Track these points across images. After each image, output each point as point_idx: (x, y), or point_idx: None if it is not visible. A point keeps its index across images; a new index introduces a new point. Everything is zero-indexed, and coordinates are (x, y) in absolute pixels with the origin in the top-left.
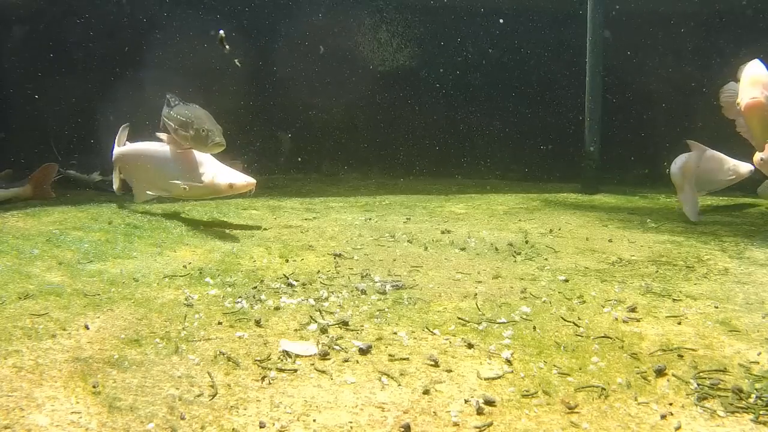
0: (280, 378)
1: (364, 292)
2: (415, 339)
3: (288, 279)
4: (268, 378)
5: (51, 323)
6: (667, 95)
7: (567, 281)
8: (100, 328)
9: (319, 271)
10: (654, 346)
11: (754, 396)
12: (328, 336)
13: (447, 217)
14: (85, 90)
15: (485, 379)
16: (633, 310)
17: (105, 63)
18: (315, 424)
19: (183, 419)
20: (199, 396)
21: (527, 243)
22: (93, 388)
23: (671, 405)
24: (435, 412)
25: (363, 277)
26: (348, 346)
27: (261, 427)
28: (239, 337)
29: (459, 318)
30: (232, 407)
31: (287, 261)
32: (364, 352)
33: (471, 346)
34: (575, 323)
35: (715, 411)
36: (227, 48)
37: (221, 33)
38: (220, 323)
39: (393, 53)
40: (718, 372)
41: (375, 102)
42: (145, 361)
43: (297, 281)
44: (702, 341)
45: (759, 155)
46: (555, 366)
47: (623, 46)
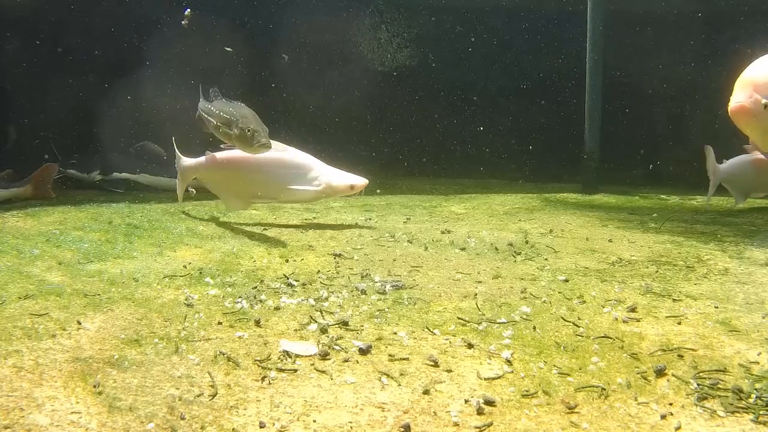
0: (280, 378)
1: (364, 292)
2: (415, 339)
3: (288, 279)
4: (268, 378)
5: (51, 323)
6: (668, 95)
7: (567, 281)
8: (100, 328)
9: (319, 271)
10: (654, 346)
11: (754, 396)
12: (328, 336)
13: (447, 217)
14: (86, 90)
15: (485, 379)
16: (633, 310)
17: (105, 63)
18: (315, 424)
19: (183, 419)
20: (199, 396)
21: (527, 243)
22: (93, 388)
23: (671, 405)
24: (435, 412)
25: (363, 277)
26: (348, 346)
27: (261, 427)
28: (239, 337)
29: (459, 318)
30: (232, 407)
31: (287, 261)
32: (364, 352)
33: (471, 346)
34: (575, 323)
35: (715, 411)
36: (186, 23)
37: (187, 12)
38: (220, 323)
39: (393, 53)
40: (718, 372)
41: (375, 101)
42: (145, 361)
43: (297, 281)
44: (702, 341)
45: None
46: (555, 366)
47: (623, 45)
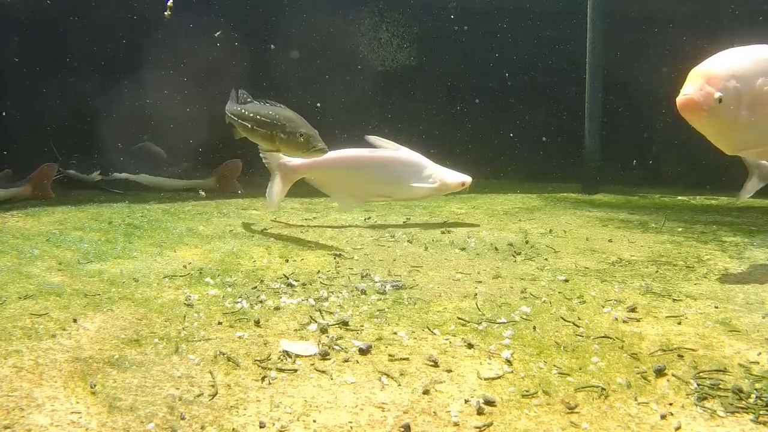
0: (280, 378)
1: (364, 292)
2: (415, 339)
3: (288, 279)
4: (268, 378)
5: (51, 323)
6: (668, 95)
7: (567, 281)
8: (100, 328)
9: (319, 271)
10: (654, 346)
11: (754, 396)
12: (328, 336)
13: (447, 217)
14: (86, 90)
15: (485, 379)
16: (633, 310)
17: (105, 63)
18: (315, 424)
19: (183, 419)
20: (199, 396)
21: (527, 243)
22: (93, 388)
23: (671, 405)
24: (435, 412)
25: (363, 277)
26: (348, 346)
27: (261, 427)
28: (239, 337)
29: (459, 318)
30: (232, 407)
31: (287, 261)
32: (364, 352)
33: (471, 346)
34: (575, 323)
35: (715, 411)
36: (169, 11)
37: (169, 2)
38: (220, 323)
39: (393, 53)
40: (718, 372)
41: (374, 101)
42: (145, 361)
43: (297, 281)
44: (702, 341)
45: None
46: (555, 366)
47: (623, 45)
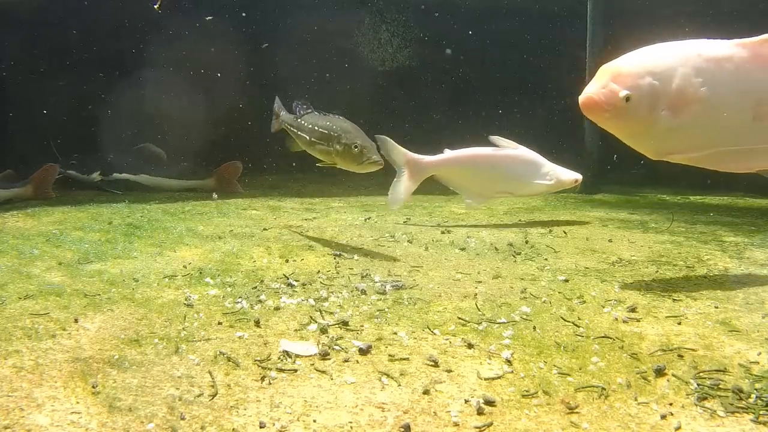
0: (280, 378)
1: (364, 292)
2: (415, 339)
3: (288, 279)
4: (268, 378)
5: (51, 323)
6: None
7: (567, 281)
8: (100, 328)
9: (319, 271)
10: (654, 346)
11: (754, 396)
12: (328, 336)
13: (447, 217)
14: (86, 90)
15: (485, 379)
16: (633, 310)
17: (105, 63)
18: (315, 424)
19: (183, 419)
20: (199, 396)
21: (527, 243)
22: (93, 388)
23: (671, 405)
24: (435, 412)
25: (363, 277)
26: (348, 346)
27: (261, 427)
28: (239, 337)
29: (459, 318)
30: (232, 407)
31: (287, 261)
32: (364, 352)
33: (471, 346)
34: (575, 323)
35: (715, 411)
36: (158, 6)
37: None
38: (220, 323)
39: (393, 53)
40: (718, 372)
41: (375, 101)
42: (145, 361)
43: (297, 281)
44: (702, 341)
45: None
46: (555, 366)
47: (623, 44)
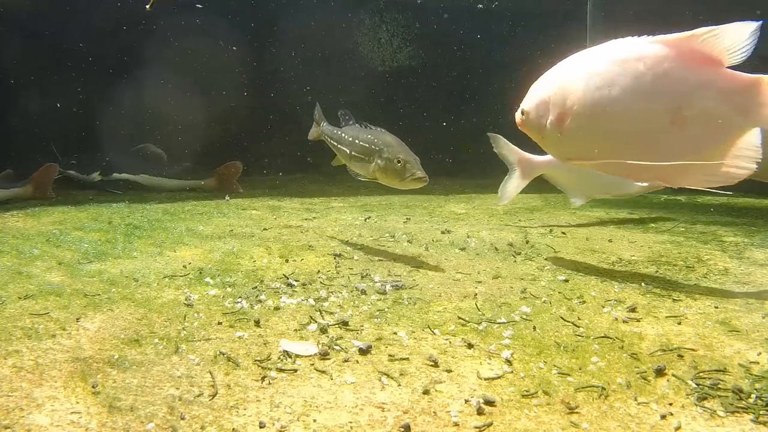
0: (280, 378)
1: (364, 292)
2: (415, 339)
3: (288, 279)
4: (268, 378)
5: (51, 323)
6: None
7: (567, 281)
8: (100, 328)
9: (319, 271)
10: (654, 346)
11: (754, 396)
12: (328, 336)
13: (447, 217)
14: (86, 90)
15: (485, 379)
16: (633, 310)
17: (105, 63)
18: (315, 424)
19: (183, 419)
20: (199, 396)
21: (527, 243)
22: (93, 388)
23: (671, 405)
24: (435, 412)
25: (363, 277)
26: (348, 346)
27: (261, 427)
28: (239, 337)
29: (459, 318)
30: (232, 407)
31: (287, 261)
32: (364, 352)
33: (471, 346)
34: (575, 323)
35: (715, 411)
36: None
37: None
38: (220, 323)
39: (393, 53)
40: (718, 372)
41: (375, 102)
42: (145, 361)
43: (297, 281)
44: (702, 341)
45: None
46: (555, 366)
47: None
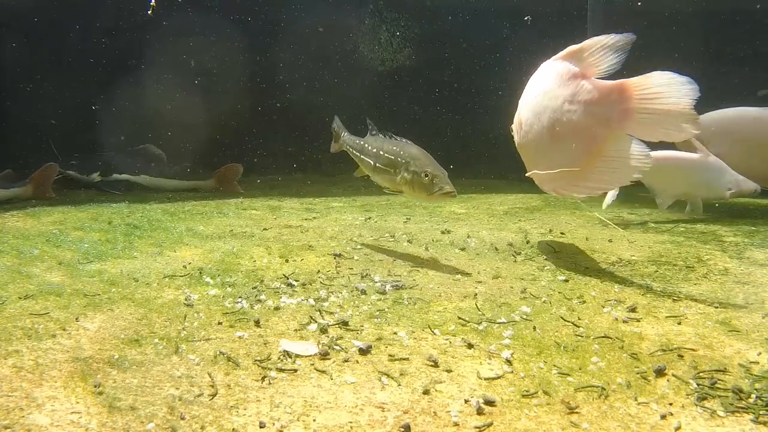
0: (280, 378)
1: (364, 292)
2: (415, 339)
3: (288, 279)
4: (268, 378)
5: (51, 323)
6: None
7: (567, 281)
8: (100, 328)
9: (319, 271)
10: (654, 346)
11: (754, 396)
12: (328, 336)
13: (447, 217)
14: (86, 90)
15: (485, 379)
16: (633, 310)
17: (105, 63)
18: (315, 424)
19: (183, 419)
20: (199, 396)
21: (527, 243)
22: (93, 388)
23: (671, 405)
24: (435, 412)
25: (363, 277)
26: (348, 346)
27: (261, 427)
28: (239, 337)
29: (459, 318)
30: (232, 407)
31: (287, 261)
32: (364, 352)
33: (471, 346)
34: (575, 323)
35: (715, 411)
36: (152, 9)
37: (152, 1)
38: (220, 323)
39: (393, 53)
40: (718, 372)
41: (375, 102)
42: (145, 361)
43: (297, 281)
44: (702, 341)
45: None
46: (555, 366)
47: None
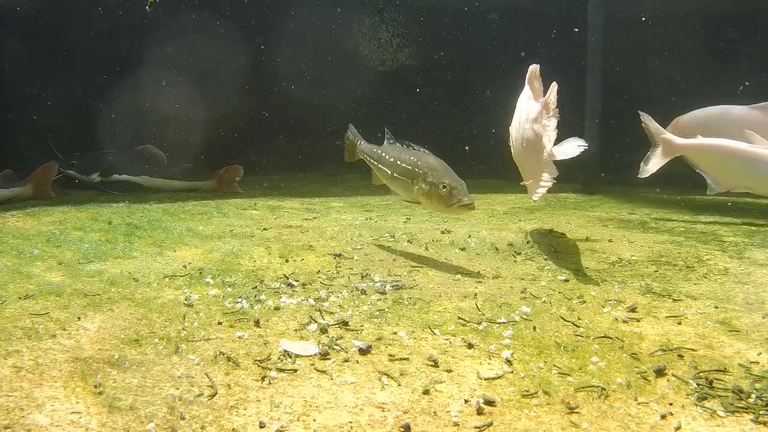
0: (280, 378)
1: (364, 292)
2: (415, 339)
3: (288, 279)
4: (268, 378)
5: (51, 323)
6: (668, 94)
7: (567, 281)
8: (100, 328)
9: (319, 271)
10: (654, 346)
11: (754, 396)
12: (328, 336)
13: (447, 217)
14: (86, 91)
15: (485, 379)
16: (633, 310)
17: (105, 63)
18: (315, 424)
19: (183, 419)
20: (199, 396)
21: (527, 243)
22: (93, 387)
23: (671, 405)
24: (435, 412)
25: (363, 277)
26: (348, 346)
27: (261, 427)
28: (239, 337)
29: (459, 318)
30: (232, 407)
31: (287, 261)
32: (364, 352)
33: (471, 346)
34: (575, 323)
35: (715, 411)
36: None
37: None
38: (220, 323)
39: (393, 53)
40: (718, 372)
41: (375, 102)
42: (145, 361)
43: (297, 281)
44: (702, 341)
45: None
46: (555, 366)
47: (623, 46)
